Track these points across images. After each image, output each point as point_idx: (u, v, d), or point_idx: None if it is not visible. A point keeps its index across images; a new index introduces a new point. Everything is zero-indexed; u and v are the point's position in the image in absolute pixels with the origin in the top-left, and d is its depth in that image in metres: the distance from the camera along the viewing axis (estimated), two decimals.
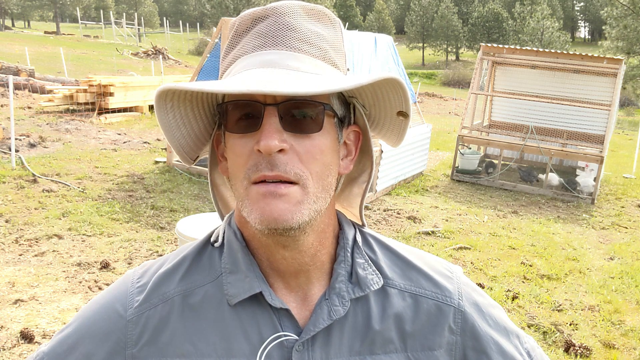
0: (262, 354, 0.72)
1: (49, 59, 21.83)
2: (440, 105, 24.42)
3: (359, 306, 0.77)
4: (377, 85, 0.72)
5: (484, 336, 0.81)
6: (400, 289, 0.80)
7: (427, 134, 8.81)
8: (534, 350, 0.87)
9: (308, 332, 0.73)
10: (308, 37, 0.73)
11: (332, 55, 0.75)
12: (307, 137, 0.69)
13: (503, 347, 0.82)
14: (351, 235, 0.80)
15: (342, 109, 0.75)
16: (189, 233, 3.32)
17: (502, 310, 0.88)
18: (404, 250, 0.84)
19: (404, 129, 0.78)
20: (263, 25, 0.73)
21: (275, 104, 0.67)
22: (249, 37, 0.74)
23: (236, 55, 0.74)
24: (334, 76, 0.73)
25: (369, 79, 0.66)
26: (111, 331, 0.76)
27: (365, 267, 0.78)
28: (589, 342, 3.95)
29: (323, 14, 0.76)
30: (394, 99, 0.74)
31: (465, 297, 0.83)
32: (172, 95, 0.69)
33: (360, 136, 0.79)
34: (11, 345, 3.30)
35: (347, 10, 66.99)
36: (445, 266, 0.86)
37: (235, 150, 0.70)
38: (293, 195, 0.67)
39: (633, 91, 28.00)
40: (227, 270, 0.76)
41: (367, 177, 0.83)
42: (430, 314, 0.80)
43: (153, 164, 8.12)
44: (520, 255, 5.70)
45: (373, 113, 0.79)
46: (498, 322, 0.84)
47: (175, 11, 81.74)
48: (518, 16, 54.61)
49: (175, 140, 0.75)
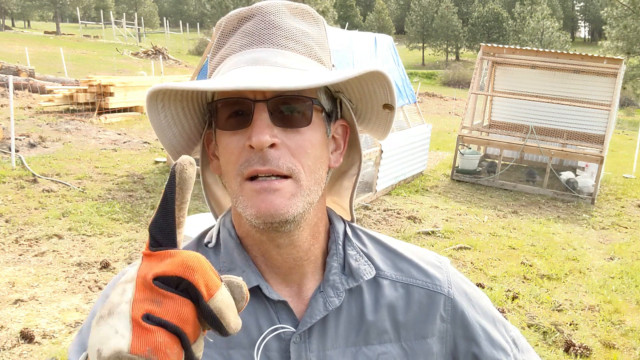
0: (260, 345, 0.74)
1: (49, 59, 21.83)
2: (440, 105, 24.42)
3: (353, 298, 0.78)
4: (363, 79, 0.73)
5: (473, 324, 0.83)
6: (392, 279, 0.81)
7: (427, 134, 8.81)
8: (519, 339, 0.89)
9: (305, 323, 0.74)
10: (294, 34, 0.74)
11: (317, 51, 0.77)
12: (297, 131, 0.70)
13: (491, 334, 0.84)
14: (341, 229, 0.82)
15: (329, 103, 0.77)
16: (188, 233, 3.31)
17: (488, 300, 0.90)
18: (394, 243, 0.87)
19: (389, 121, 0.80)
20: (249, 24, 0.74)
21: (264, 100, 0.68)
22: (236, 37, 0.75)
23: (224, 54, 0.76)
24: (321, 71, 0.74)
25: (355, 72, 0.67)
26: None
27: (357, 258, 0.80)
28: (589, 342, 3.95)
29: (307, 13, 0.78)
30: (380, 92, 0.75)
31: (454, 286, 0.85)
32: (162, 96, 0.70)
33: (348, 130, 0.81)
34: (11, 345, 3.30)
35: (347, 10, 66.99)
36: (434, 256, 0.88)
37: (227, 148, 0.71)
38: (287, 189, 0.69)
39: (633, 91, 27.99)
40: (225, 268, 0.77)
41: (357, 170, 0.84)
42: (422, 303, 0.81)
43: (153, 164, 8.12)
44: (520, 255, 5.70)
45: (360, 107, 0.81)
46: (485, 311, 0.86)
47: (175, 11, 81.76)
48: (518, 16, 54.57)
49: (167, 140, 0.76)
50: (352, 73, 0.67)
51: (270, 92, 0.68)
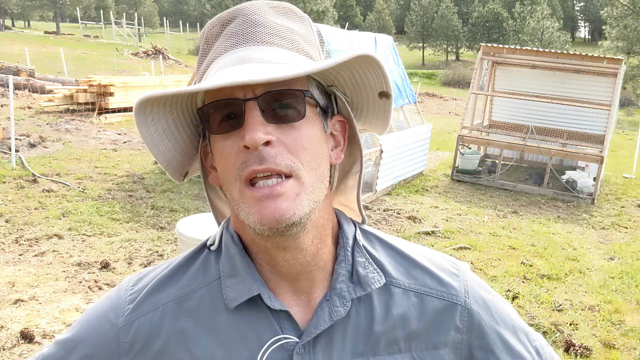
0: (262, 357, 0.71)
1: (49, 59, 21.83)
2: (440, 105, 24.43)
3: (362, 307, 0.75)
4: (354, 67, 0.70)
5: (490, 334, 0.80)
6: (404, 288, 0.78)
7: (427, 134, 8.81)
8: (543, 349, 0.85)
9: (309, 334, 0.72)
10: (278, 30, 0.73)
11: (304, 46, 0.75)
12: (292, 127, 0.68)
13: (511, 344, 0.80)
14: (351, 234, 0.79)
15: (323, 98, 0.75)
16: (189, 233, 3.32)
17: (510, 307, 0.86)
18: (408, 248, 0.83)
19: (387, 111, 0.77)
20: (232, 26, 0.73)
21: (254, 97, 0.67)
22: (220, 40, 0.74)
23: (210, 60, 0.74)
24: (308, 63, 0.73)
25: (343, 57, 0.65)
26: (105, 340, 0.76)
27: (366, 265, 0.76)
28: (589, 342, 3.95)
29: (290, 10, 0.76)
30: (373, 79, 0.72)
31: (471, 295, 0.81)
32: (151, 107, 0.69)
33: (346, 126, 0.79)
34: (11, 345, 3.30)
35: (347, 10, 66.99)
36: (451, 263, 0.84)
37: (223, 152, 0.69)
38: (290, 190, 0.66)
39: (633, 91, 28.01)
40: (225, 274, 0.75)
41: (359, 167, 0.82)
42: (436, 313, 0.78)
43: (153, 164, 8.12)
44: (520, 255, 5.70)
45: (355, 99, 0.78)
46: (505, 320, 0.82)
47: (175, 11, 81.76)
48: (518, 16, 54.59)
49: (161, 154, 0.74)
50: (340, 59, 0.64)
51: (259, 89, 0.67)
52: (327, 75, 0.74)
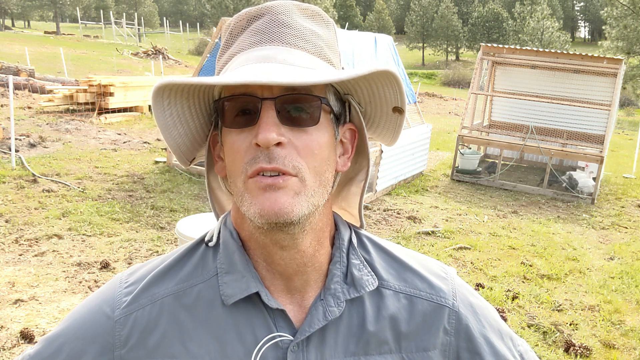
0: (257, 355, 0.72)
1: (49, 59, 21.83)
2: (440, 105, 24.42)
3: (354, 307, 0.77)
4: (373, 80, 0.71)
5: (477, 337, 0.82)
6: (395, 290, 0.80)
7: (427, 134, 8.81)
8: (527, 354, 0.87)
9: (303, 332, 0.73)
10: (303, 34, 0.74)
11: (327, 52, 0.76)
12: (305, 131, 0.69)
13: (497, 348, 0.82)
14: (346, 236, 0.80)
15: (338, 105, 0.75)
16: (189, 233, 3.32)
17: (495, 312, 0.88)
18: (399, 252, 0.85)
19: (399, 125, 0.78)
20: (259, 23, 0.74)
21: (272, 97, 0.67)
22: (245, 35, 0.74)
23: (232, 53, 0.75)
24: (329, 70, 0.73)
25: (365, 70, 0.66)
26: (99, 333, 0.75)
27: (361, 268, 0.78)
28: (589, 342, 3.95)
29: (317, 14, 0.77)
30: (390, 94, 0.74)
31: (459, 298, 0.83)
32: (169, 92, 0.70)
33: (356, 135, 0.80)
34: (11, 345, 3.30)
35: (347, 10, 67.01)
36: (440, 267, 0.86)
37: (233, 146, 0.70)
38: (291, 187, 0.67)
39: (633, 91, 27.99)
40: (223, 271, 0.75)
41: (365, 176, 0.83)
42: (425, 314, 0.80)
43: (153, 164, 8.12)
44: (520, 255, 5.70)
45: (369, 110, 0.79)
46: (492, 324, 0.84)
47: (175, 11, 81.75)
48: (518, 16, 54.59)
49: (172, 139, 0.75)
50: (363, 71, 0.66)
51: (278, 89, 0.67)
52: (345, 84, 0.75)
